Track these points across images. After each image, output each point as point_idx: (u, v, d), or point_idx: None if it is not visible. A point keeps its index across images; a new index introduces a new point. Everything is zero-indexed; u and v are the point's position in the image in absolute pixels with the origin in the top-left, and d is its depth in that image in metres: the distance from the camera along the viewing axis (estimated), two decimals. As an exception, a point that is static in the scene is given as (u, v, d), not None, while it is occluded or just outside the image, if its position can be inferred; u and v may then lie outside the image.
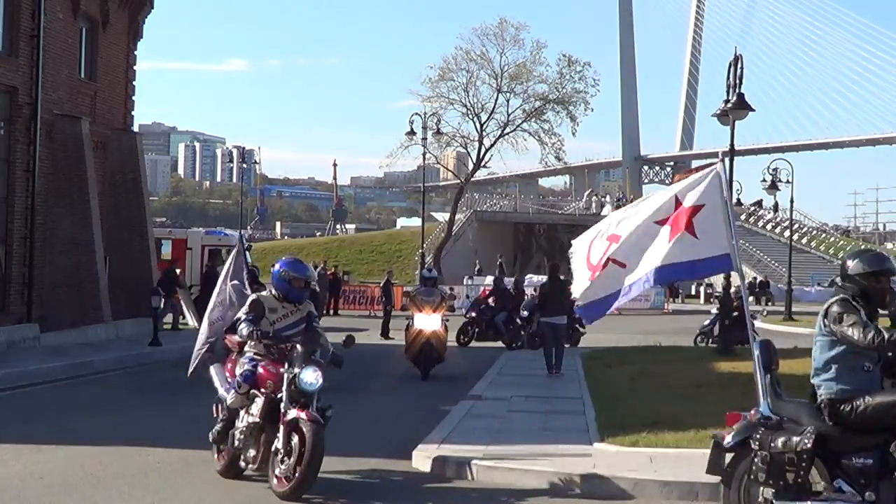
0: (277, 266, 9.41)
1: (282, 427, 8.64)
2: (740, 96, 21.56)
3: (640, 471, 9.43)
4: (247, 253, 40.27)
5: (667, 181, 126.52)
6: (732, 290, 24.43)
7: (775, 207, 59.83)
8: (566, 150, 54.06)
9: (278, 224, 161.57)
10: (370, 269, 61.23)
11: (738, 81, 21.78)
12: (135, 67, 28.89)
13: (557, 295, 18.86)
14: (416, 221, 73.99)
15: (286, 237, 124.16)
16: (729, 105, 21.69)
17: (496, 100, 51.81)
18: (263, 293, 9.45)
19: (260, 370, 9.01)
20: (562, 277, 20.55)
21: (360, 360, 22.82)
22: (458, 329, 25.48)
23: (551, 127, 51.92)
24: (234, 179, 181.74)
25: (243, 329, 9.04)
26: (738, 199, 56.61)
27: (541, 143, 52.31)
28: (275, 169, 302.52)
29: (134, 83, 28.83)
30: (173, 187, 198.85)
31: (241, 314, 9.26)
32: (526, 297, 26.01)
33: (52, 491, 8.80)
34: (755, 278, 54.59)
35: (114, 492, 8.84)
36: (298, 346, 8.97)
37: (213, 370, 9.84)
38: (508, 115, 51.86)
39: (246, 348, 9.33)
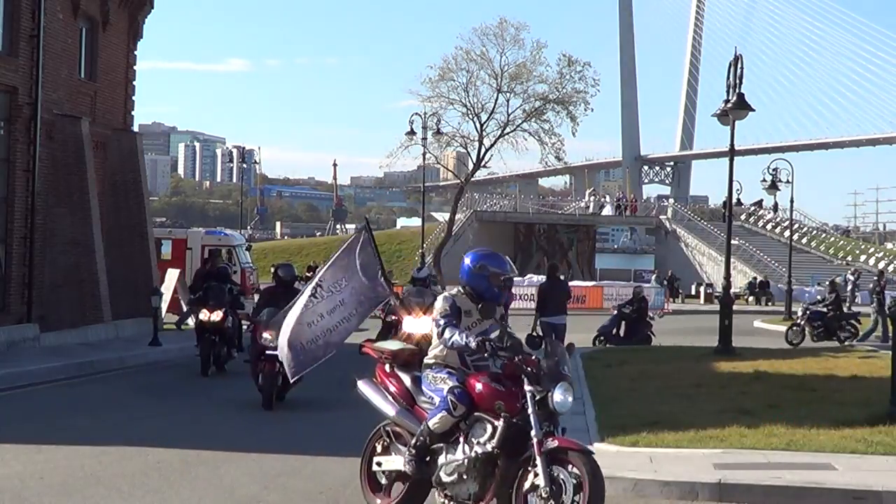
0: (468, 260, 7.83)
1: (539, 459, 6.90)
2: (740, 96, 21.54)
3: (639, 471, 9.42)
4: (239, 251, 39.96)
5: (667, 181, 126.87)
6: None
7: (775, 207, 59.88)
8: (566, 150, 53.97)
9: (278, 224, 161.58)
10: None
11: (738, 81, 21.75)
12: (135, 67, 28.90)
13: (557, 295, 18.85)
14: (416, 221, 74.03)
15: (286, 237, 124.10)
16: (729, 105, 21.67)
17: (496, 100, 51.71)
18: (453, 291, 7.87)
19: (479, 387, 7.33)
20: (561, 277, 20.58)
21: (361, 359, 22.83)
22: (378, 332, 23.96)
23: (551, 127, 51.83)
24: (234, 179, 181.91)
25: (457, 337, 7.38)
26: (739, 199, 56.68)
27: (541, 143, 52.23)
28: (275, 169, 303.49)
29: (134, 83, 28.84)
30: (173, 187, 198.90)
31: (440, 318, 7.57)
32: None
33: (52, 491, 8.80)
34: (755, 278, 54.63)
35: (114, 492, 8.84)
36: (542, 359, 7.31)
37: (362, 385, 8.34)
38: (508, 115, 51.76)
39: (429, 359, 7.78)
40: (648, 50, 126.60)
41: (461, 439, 7.37)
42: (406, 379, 8.06)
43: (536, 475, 6.92)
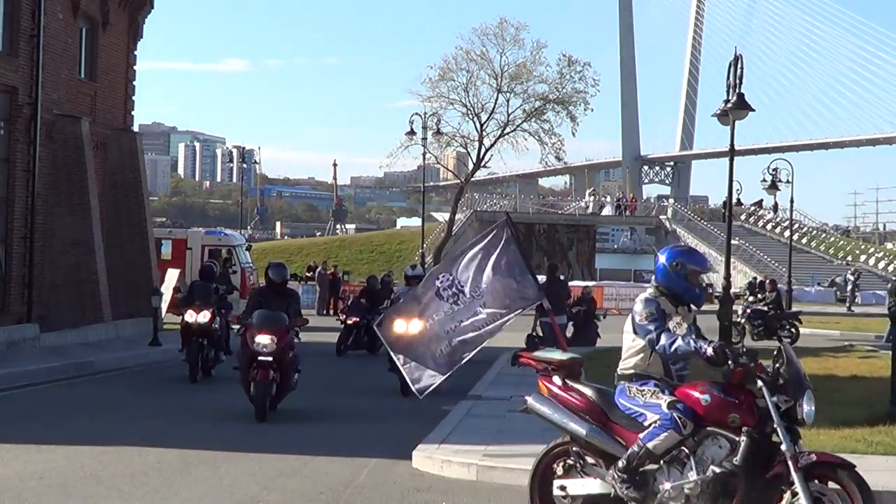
0: (663, 258, 7.21)
1: (797, 476, 6.37)
2: (740, 96, 21.53)
3: (639, 471, 9.40)
4: (239, 251, 39.59)
5: (667, 181, 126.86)
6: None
7: (775, 207, 59.89)
8: (566, 150, 54.05)
9: (278, 224, 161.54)
10: (370, 270, 61.15)
11: (738, 81, 21.75)
12: (135, 67, 28.92)
13: (556, 295, 18.86)
14: (416, 221, 74.01)
15: (286, 237, 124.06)
16: (729, 105, 21.66)
17: (496, 100, 51.78)
18: (649, 292, 7.20)
19: (705, 398, 6.69)
20: (560, 277, 20.58)
21: (361, 359, 22.84)
22: (339, 336, 23.02)
23: (551, 127, 51.91)
24: (234, 179, 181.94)
25: (681, 343, 6.77)
26: (739, 199, 56.70)
27: (541, 143, 52.30)
28: (275, 169, 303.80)
29: (134, 83, 28.87)
30: (173, 187, 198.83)
31: (648, 323, 6.94)
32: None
33: (52, 491, 8.79)
34: (755, 278, 54.60)
35: (114, 492, 8.83)
36: (781, 367, 6.64)
37: (534, 402, 7.47)
38: (508, 115, 51.84)
39: (627, 369, 7.14)
40: (648, 50, 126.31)
41: (690, 458, 6.70)
42: (589, 392, 7.26)
43: (795, 494, 6.36)
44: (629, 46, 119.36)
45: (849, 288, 48.24)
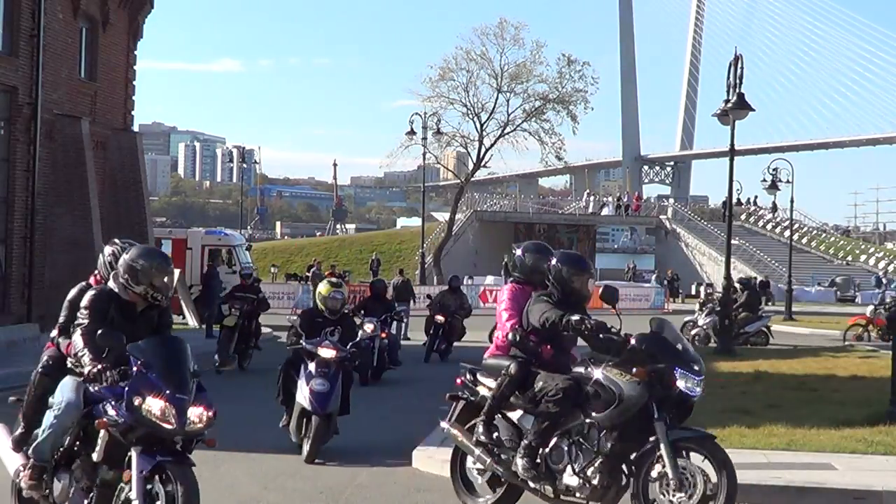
0: None
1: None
2: (740, 96, 21.52)
3: (640, 471, 9.39)
4: (239, 251, 39.34)
5: (667, 181, 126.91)
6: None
7: (774, 208, 59.82)
8: (566, 150, 54.03)
9: (278, 224, 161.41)
10: (370, 269, 61.18)
11: (738, 81, 21.74)
12: (135, 67, 28.93)
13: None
14: (416, 221, 73.98)
15: (286, 237, 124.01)
16: (729, 105, 21.66)
17: (496, 99, 51.78)
18: None
19: None
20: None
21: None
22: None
23: (551, 126, 51.92)
24: (234, 179, 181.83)
25: None
26: (738, 199, 56.70)
27: (541, 142, 52.30)
28: (275, 169, 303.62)
29: (134, 83, 28.87)
30: (173, 187, 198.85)
31: None
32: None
33: (52, 491, 8.78)
34: (755, 278, 54.57)
35: (114, 492, 8.82)
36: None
37: None
38: (508, 115, 51.84)
39: None
40: (648, 49, 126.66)
41: None
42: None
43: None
44: (629, 46, 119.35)
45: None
